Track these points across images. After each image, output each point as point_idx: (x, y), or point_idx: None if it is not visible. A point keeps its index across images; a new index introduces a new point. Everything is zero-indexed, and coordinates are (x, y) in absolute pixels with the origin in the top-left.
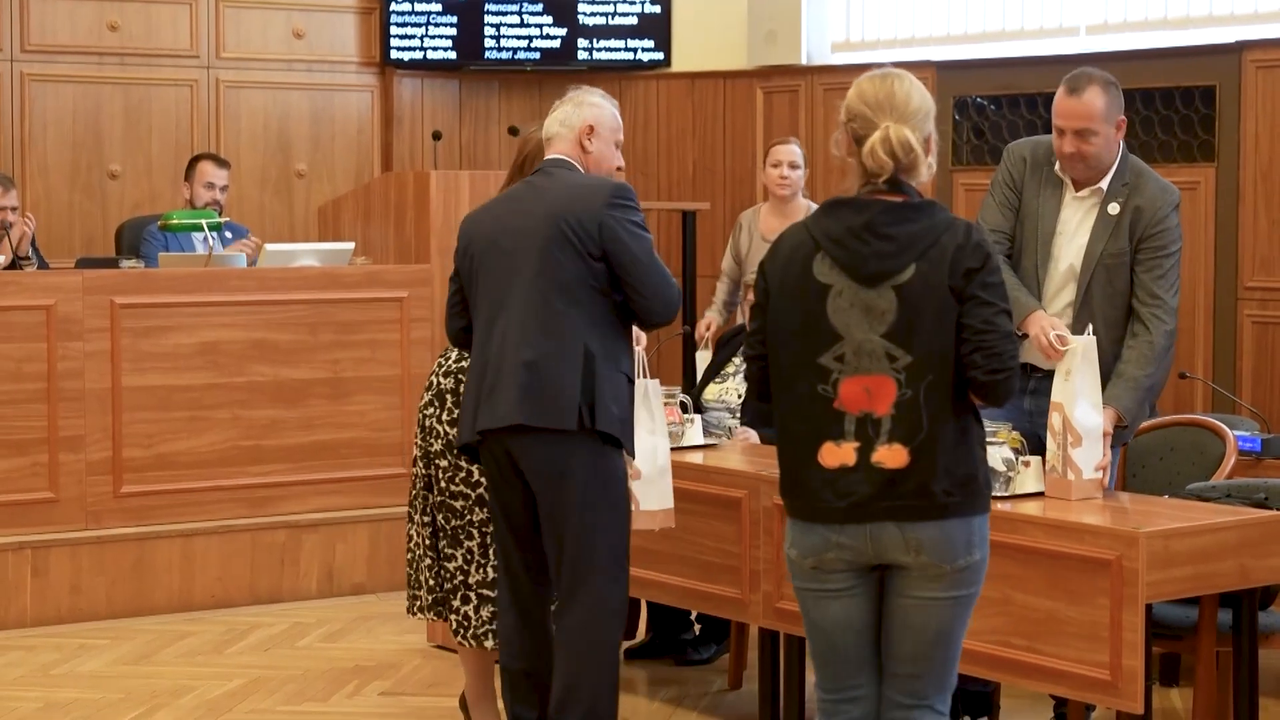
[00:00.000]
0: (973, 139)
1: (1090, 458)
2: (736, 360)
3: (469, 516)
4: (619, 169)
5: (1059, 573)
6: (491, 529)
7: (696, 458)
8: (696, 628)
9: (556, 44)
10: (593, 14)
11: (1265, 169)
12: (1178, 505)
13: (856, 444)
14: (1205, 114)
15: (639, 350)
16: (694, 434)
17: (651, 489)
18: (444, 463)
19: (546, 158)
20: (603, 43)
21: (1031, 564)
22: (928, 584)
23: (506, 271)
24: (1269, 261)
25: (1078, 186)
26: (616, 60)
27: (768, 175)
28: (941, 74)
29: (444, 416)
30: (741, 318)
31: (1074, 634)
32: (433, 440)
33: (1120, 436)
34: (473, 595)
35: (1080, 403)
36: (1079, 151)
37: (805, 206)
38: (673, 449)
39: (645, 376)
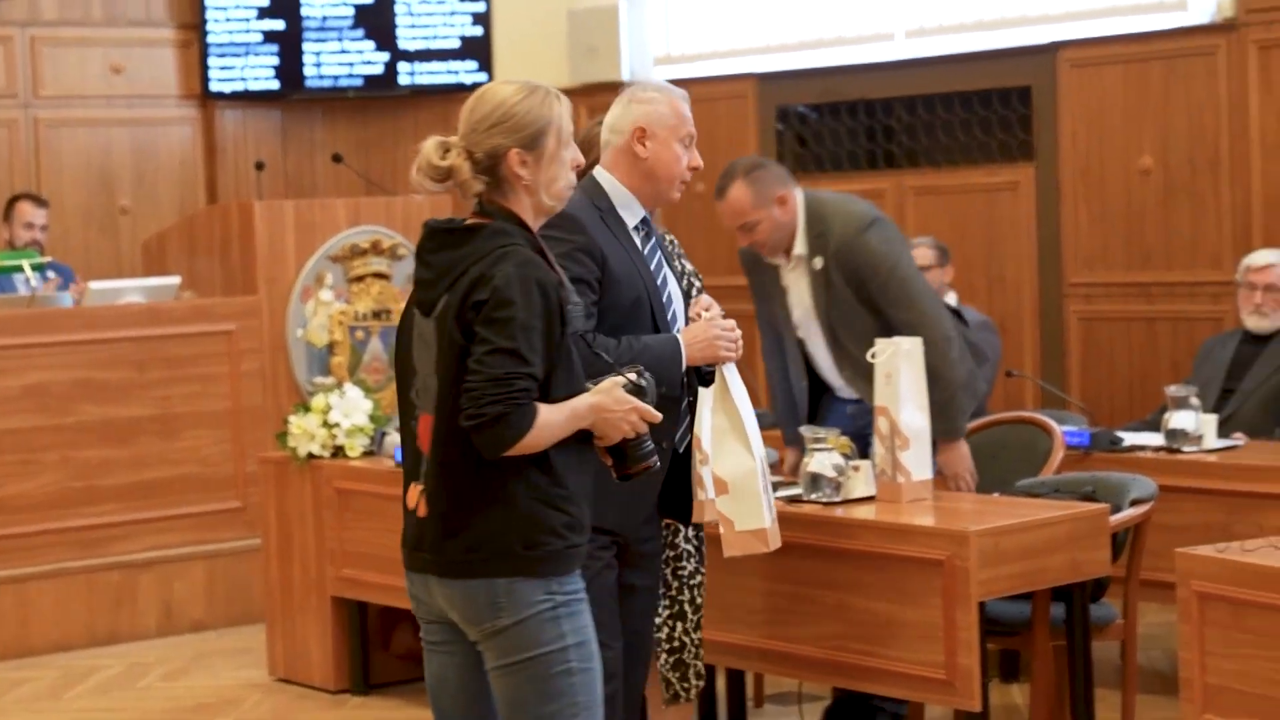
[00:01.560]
0: (796, 148)
1: (920, 460)
2: None
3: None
4: (694, 168)
5: (892, 575)
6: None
7: None
8: None
9: (379, 69)
10: (414, 38)
11: (1083, 166)
12: (1007, 503)
13: (421, 486)
14: (1023, 114)
15: None
16: None
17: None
18: None
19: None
20: (425, 66)
21: (865, 568)
22: (486, 650)
23: None
24: (1092, 257)
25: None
26: (439, 84)
27: None
28: (763, 84)
29: None
30: None
31: (910, 635)
32: None
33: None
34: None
35: (906, 405)
36: (753, 242)
37: None
38: None
39: None
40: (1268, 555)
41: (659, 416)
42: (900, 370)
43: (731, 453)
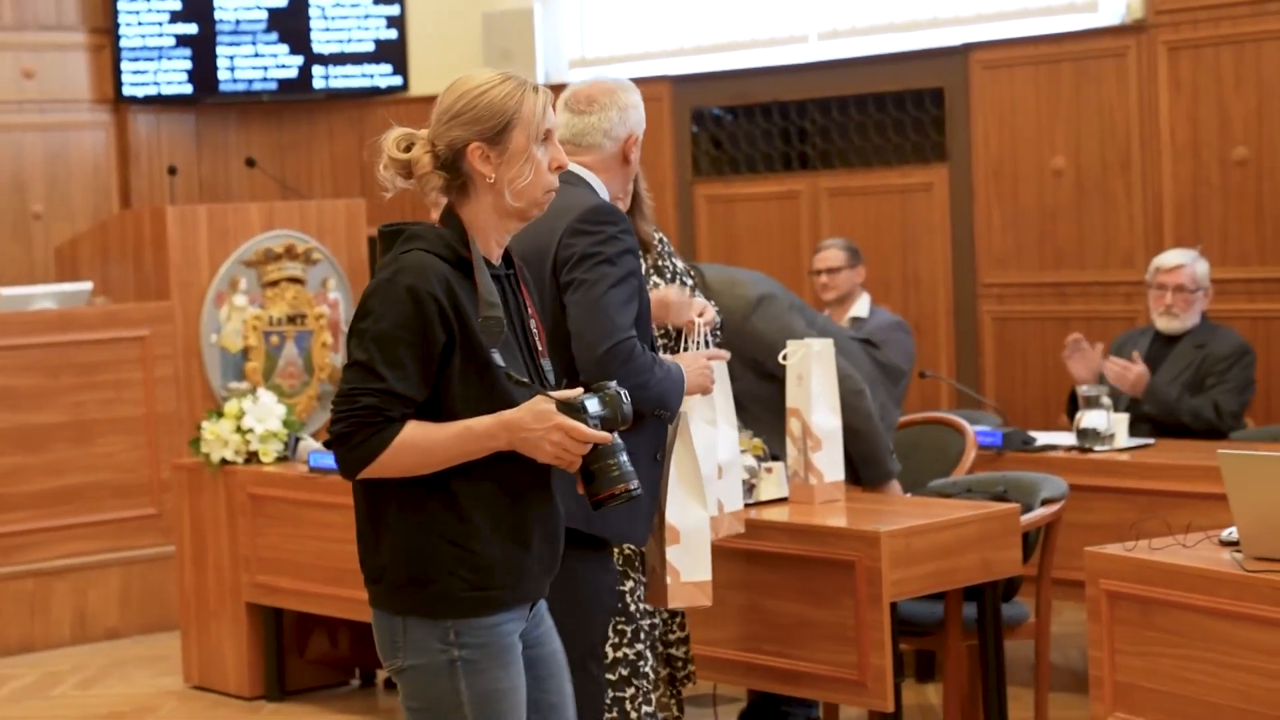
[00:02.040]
0: (711, 150)
1: (831, 461)
2: None
3: None
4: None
5: (805, 576)
6: None
7: None
8: None
9: (293, 73)
10: (328, 42)
11: (996, 167)
12: (919, 503)
13: None
14: (935, 115)
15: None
16: None
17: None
18: None
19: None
20: (339, 70)
21: (778, 569)
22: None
23: None
24: (1004, 258)
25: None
26: (354, 87)
27: None
28: (677, 86)
29: None
30: None
31: (822, 636)
32: None
33: None
34: None
35: (818, 406)
36: None
37: None
38: None
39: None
40: (1175, 553)
41: (600, 437)
42: (811, 372)
43: (686, 502)
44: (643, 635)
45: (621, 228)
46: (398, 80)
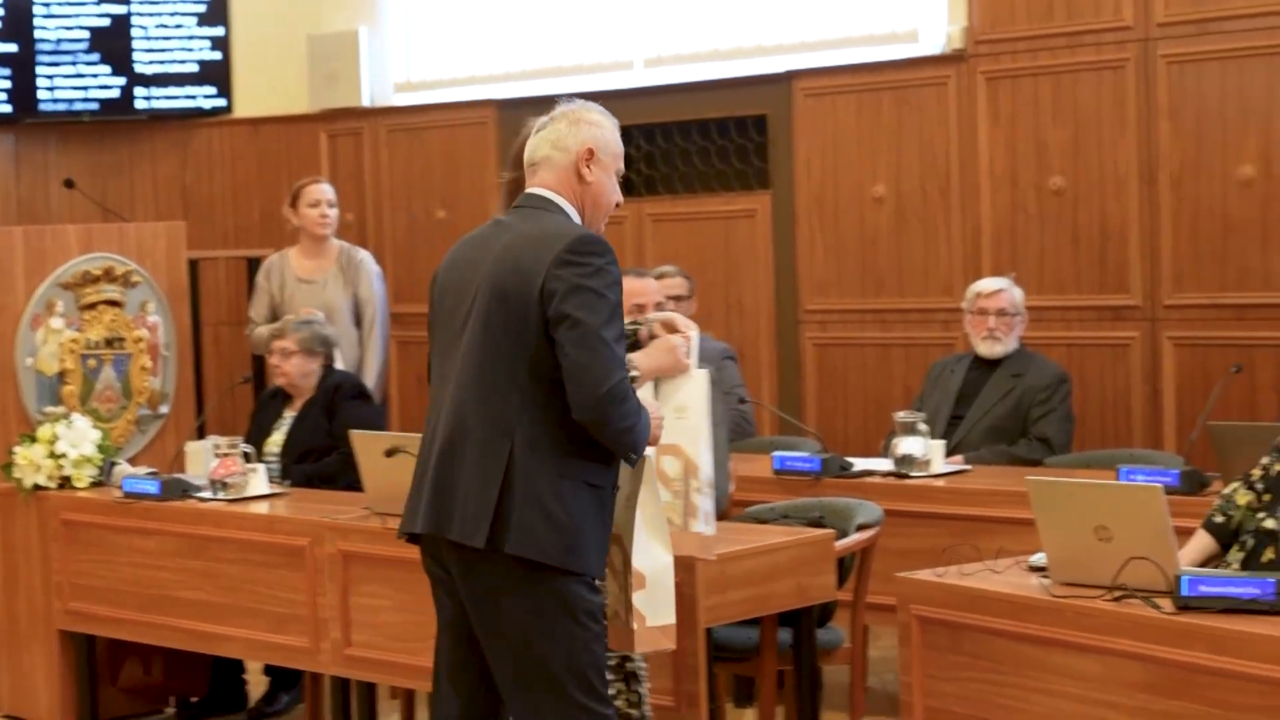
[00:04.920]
0: None
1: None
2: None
3: None
4: (617, 204)
5: None
6: None
7: (261, 507)
8: (264, 681)
9: (115, 94)
10: (151, 62)
11: (818, 194)
12: (734, 529)
13: None
14: (759, 142)
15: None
16: (258, 484)
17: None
18: None
19: (527, 190)
20: (162, 91)
21: None
22: None
23: (451, 335)
24: (826, 284)
25: None
26: (178, 108)
27: (305, 215)
28: (503, 111)
29: None
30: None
31: None
32: None
33: None
34: None
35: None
36: None
37: (337, 247)
38: (236, 500)
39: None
40: (985, 579)
41: None
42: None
43: (650, 545)
44: None
45: (608, 259)
46: (222, 102)
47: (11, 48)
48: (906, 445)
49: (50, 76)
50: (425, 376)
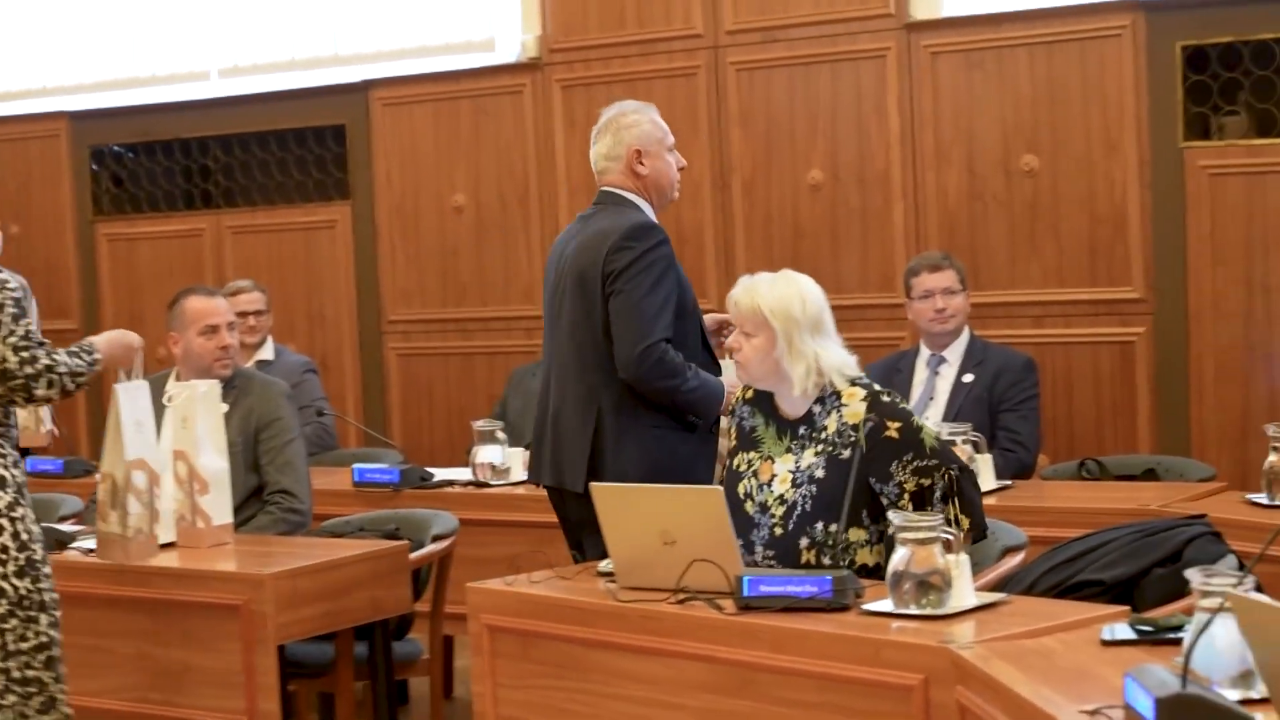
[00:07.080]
0: (112, 188)
1: (219, 504)
2: None
3: None
4: (681, 169)
5: (191, 622)
6: None
7: None
8: None
9: None
10: None
11: (398, 204)
12: (307, 544)
13: None
14: (337, 153)
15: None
16: None
17: None
18: None
19: (600, 188)
20: None
21: (162, 616)
22: None
23: (553, 313)
24: (409, 294)
25: None
26: None
27: None
28: (76, 124)
29: None
30: None
31: (210, 683)
32: None
33: None
34: None
35: (205, 449)
36: None
37: None
38: None
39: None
40: (554, 586)
41: None
42: (198, 414)
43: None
44: None
45: (653, 242)
46: None
47: None
48: (485, 454)
49: None
50: None
